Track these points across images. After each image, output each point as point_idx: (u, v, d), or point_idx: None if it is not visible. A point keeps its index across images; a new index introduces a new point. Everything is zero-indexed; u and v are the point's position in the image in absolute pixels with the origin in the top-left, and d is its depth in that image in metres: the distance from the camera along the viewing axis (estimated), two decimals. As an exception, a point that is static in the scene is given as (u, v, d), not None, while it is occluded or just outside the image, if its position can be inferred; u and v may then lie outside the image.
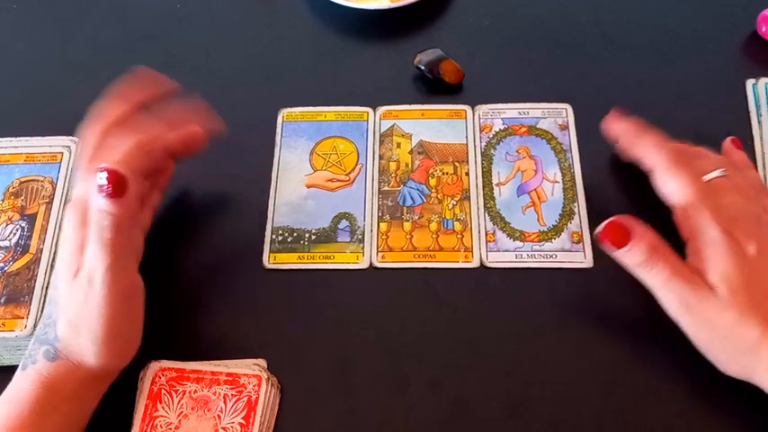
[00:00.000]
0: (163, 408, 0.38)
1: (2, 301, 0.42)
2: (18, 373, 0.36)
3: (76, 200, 0.37)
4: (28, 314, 0.41)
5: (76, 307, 0.35)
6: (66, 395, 0.35)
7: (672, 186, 0.39)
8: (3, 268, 0.43)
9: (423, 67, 0.49)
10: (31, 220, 0.45)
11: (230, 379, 0.38)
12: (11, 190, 0.46)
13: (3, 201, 0.45)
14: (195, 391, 0.38)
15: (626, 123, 0.42)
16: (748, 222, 0.37)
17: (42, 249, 0.43)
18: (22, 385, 0.35)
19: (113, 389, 0.39)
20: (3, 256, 0.43)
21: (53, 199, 0.45)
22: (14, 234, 0.44)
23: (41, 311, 0.41)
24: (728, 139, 0.44)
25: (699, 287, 0.36)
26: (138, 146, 0.38)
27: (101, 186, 0.35)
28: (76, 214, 0.36)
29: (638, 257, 0.37)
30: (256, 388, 0.38)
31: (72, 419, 0.36)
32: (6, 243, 0.44)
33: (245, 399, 0.38)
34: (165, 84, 0.42)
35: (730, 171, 0.40)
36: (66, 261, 0.36)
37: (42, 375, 0.35)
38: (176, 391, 0.38)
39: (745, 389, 0.38)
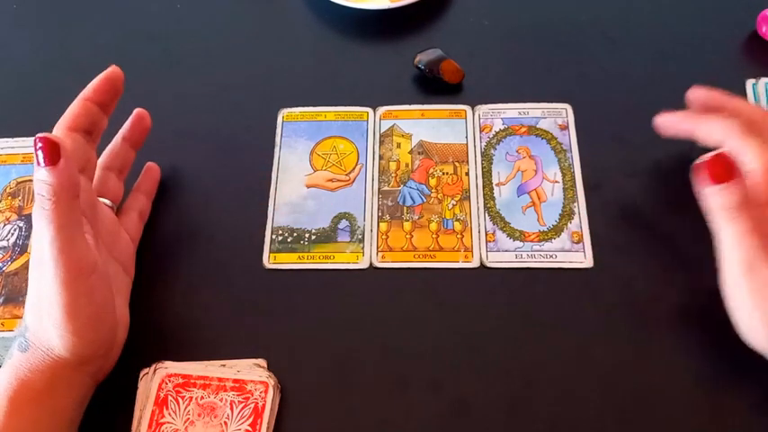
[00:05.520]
0: (169, 414, 0.38)
1: (1, 300, 0.42)
2: None
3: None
4: (27, 314, 0.41)
5: (36, 290, 0.35)
6: (39, 388, 0.35)
7: (745, 156, 0.37)
8: (1, 268, 0.43)
9: (423, 67, 0.49)
10: (29, 220, 0.44)
11: (237, 385, 0.38)
12: (8, 190, 0.46)
13: (0, 201, 0.45)
14: (202, 398, 0.38)
15: (679, 114, 0.42)
16: None
17: (41, 249, 0.43)
18: (1, 383, 0.35)
19: (112, 388, 0.39)
20: (1, 255, 0.43)
21: (52, 199, 0.45)
22: (12, 234, 0.44)
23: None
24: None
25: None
26: (84, 99, 0.39)
27: (36, 157, 0.34)
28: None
29: (732, 200, 0.35)
30: (263, 395, 0.38)
31: (50, 416, 0.35)
32: (4, 243, 0.44)
33: (252, 405, 0.38)
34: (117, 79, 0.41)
35: None
36: (32, 253, 0.35)
37: (17, 368, 0.35)
38: (183, 398, 0.38)
39: (745, 388, 0.38)
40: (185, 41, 0.54)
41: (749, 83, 0.49)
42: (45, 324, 0.35)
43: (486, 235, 0.44)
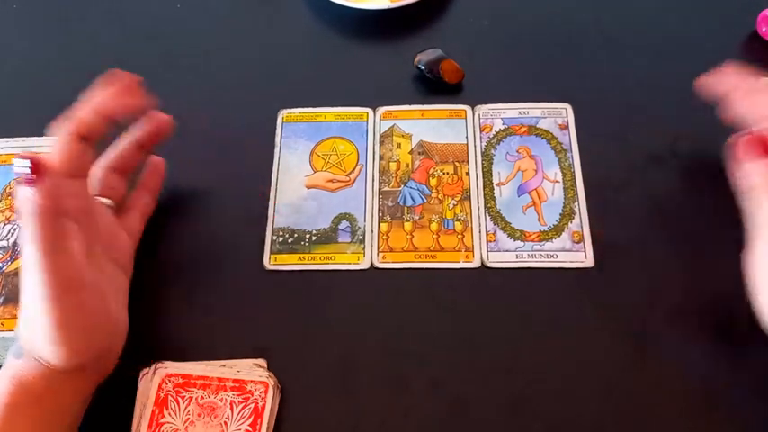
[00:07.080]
0: (169, 414, 0.38)
1: (0, 300, 0.42)
2: None
3: None
4: (27, 314, 0.41)
5: (27, 301, 0.35)
6: (38, 393, 0.34)
7: None
8: (1, 268, 0.43)
9: (423, 67, 0.49)
10: (30, 220, 0.44)
11: (237, 385, 0.38)
12: (8, 190, 0.46)
13: (0, 201, 0.45)
14: (202, 398, 0.38)
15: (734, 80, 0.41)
16: None
17: (41, 249, 0.43)
18: None
19: (112, 388, 0.39)
20: (1, 255, 0.43)
21: (52, 199, 0.45)
22: (12, 234, 0.44)
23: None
24: None
25: None
26: (95, 111, 0.37)
27: (19, 174, 0.33)
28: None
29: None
30: (263, 395, 0.38)
31: (51, 417, 0.35)
32: (4, 243, 0.44)
33: (252, 405, 0.38)
34: (142, 96, 0.40)
35: None
36: (22, 262, 0.35)
37: (12, 373, 0.34)
38: (183, 398, 0.38)
39: (744, 388, 0.38)
40: (185, 41, 0.54)
41: (749, 83, 0.49)
42: (36, 335, 0.34)
43: (487, 235, 0.44)
